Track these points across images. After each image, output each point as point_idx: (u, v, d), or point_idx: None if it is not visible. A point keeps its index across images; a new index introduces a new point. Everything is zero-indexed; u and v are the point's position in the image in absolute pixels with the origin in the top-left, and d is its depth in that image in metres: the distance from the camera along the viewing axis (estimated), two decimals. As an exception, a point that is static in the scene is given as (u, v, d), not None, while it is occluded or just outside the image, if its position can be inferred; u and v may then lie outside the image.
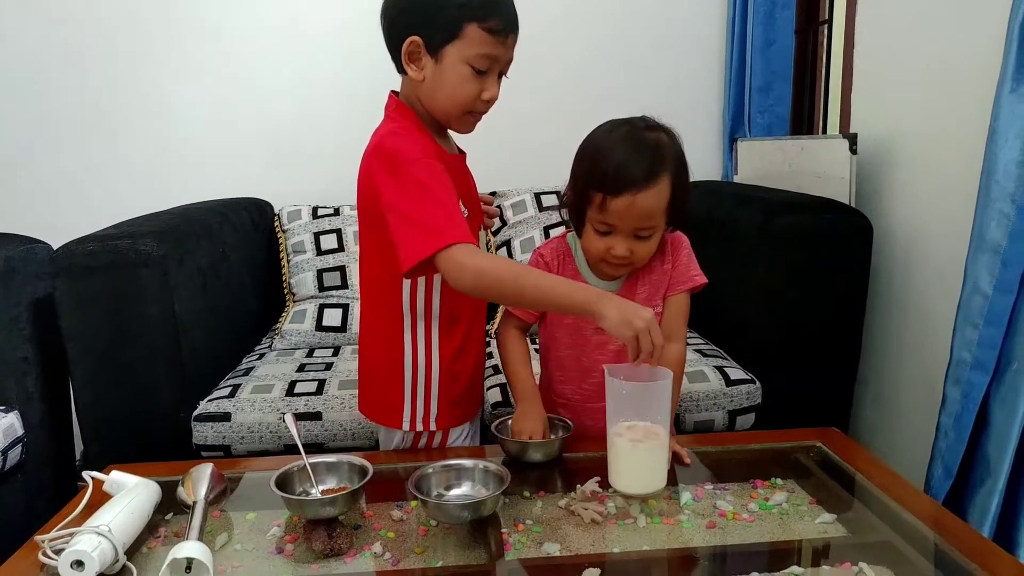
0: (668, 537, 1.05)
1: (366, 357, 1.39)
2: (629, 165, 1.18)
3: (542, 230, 2.37)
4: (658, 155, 1.20)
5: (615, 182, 1.19)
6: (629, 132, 1.22)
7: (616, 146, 1.21)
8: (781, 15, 2.39)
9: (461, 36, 1.16)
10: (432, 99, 1.22)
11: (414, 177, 1.15)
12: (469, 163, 1.39)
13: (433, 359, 1.31)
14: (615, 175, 1.18)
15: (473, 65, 1.17)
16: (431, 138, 1.25)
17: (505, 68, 1.24)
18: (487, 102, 1.22)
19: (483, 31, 1.16)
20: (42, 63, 2.52)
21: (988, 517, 1.34)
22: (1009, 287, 1.31)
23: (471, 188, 1.38)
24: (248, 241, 2.23)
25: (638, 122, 1.25)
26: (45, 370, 1.65)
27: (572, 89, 2.65)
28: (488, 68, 1.19)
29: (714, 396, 1.74)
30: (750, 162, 2.47)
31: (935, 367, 1.57)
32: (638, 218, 1.20)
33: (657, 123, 1.26)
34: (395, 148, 1.18)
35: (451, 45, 1.17)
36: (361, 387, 1.41)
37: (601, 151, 1.22)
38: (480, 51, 1.17)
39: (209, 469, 1.14)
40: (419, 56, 1.19)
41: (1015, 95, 1.28)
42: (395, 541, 1.06)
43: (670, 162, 1.21)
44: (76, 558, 0.92)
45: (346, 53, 2.55)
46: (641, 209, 1.19)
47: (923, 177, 1.77)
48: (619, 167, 1.18)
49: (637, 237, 1.23)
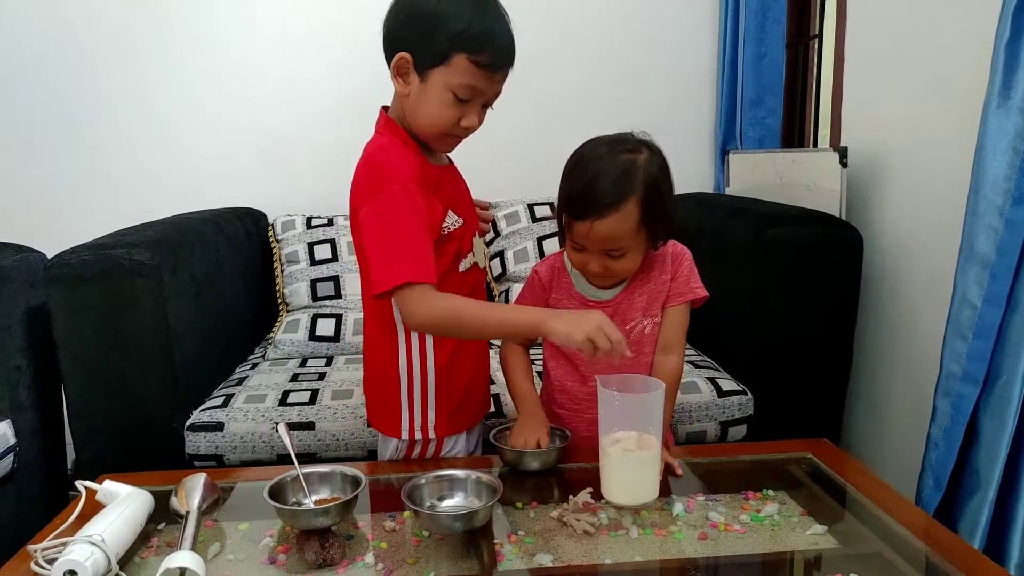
0: (660, 548, 1.06)
1: (368, 366, 1.40)
2: (591, 191, 1.20)
3: (535, 241, 2.38)
4: (625, 180, 1.20)
5: (576, 207, 1.22)
6: (604, 154, 1.22)
7: (585, 169, 1.22)
8: (772, 29, 2.41)
9: (449, 63, 1.16)
10: (414, 116, 1.23)
11: (390, 200, 1.17)
12: (462, 172, 1.39)
13: (428, 367, 1.32)
14: (577, 200, 1.22)
15: (456, 93, 1.18)
16: (418, 151, 1.26)
17: (491, 100, 1.24)
18: (466, 129, 1.23)
19: (471, 63, 1.16)
20: (35, 72, 2.52)
21: (978, 529, 1.35)
22: (998, 300, 1.32)
23: (464, 194, 1.38)
24: (242, 251, 2.23)
25: (619, 143, 1.25)
26: (38, 379, 1.65)
27: (566, 101, 2.67)
28: (470, 98, 1.20)
29: (706, 407, 1.74)
30: (741, 174, 2.49)
31: (925, 379, 1.58)
32: (601, 241, 1.22)
33: (640, 141, 1.25)
34: (382, 163, 1.21)
35: (438, 69, 1.17)
36: (367, 398, 1.43)
37: (573, 172, 1.24)
38: (465, 81, 1.17)
39: (202, 479, 1.14)
40: (407, 72, 1.20)
41: (1002, 110, 1.29)
42: (388, 551, 1.06)
43: (639, 185, 1.20)
44: (69, 568, 0.92)
45: (341, 63, 2.56)
46: (601, 234, 1.21)
47: (913, 190, 1.78)
48: (582, 192, 1.21)
49: (609, 255, 1.25)
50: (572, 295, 1.36)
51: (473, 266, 1.34)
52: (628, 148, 1.24)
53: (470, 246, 1.34)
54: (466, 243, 1.32)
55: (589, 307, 1.31)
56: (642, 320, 1.34)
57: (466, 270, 1.32)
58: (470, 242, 1.34)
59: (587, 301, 1.34)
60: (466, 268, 1.32)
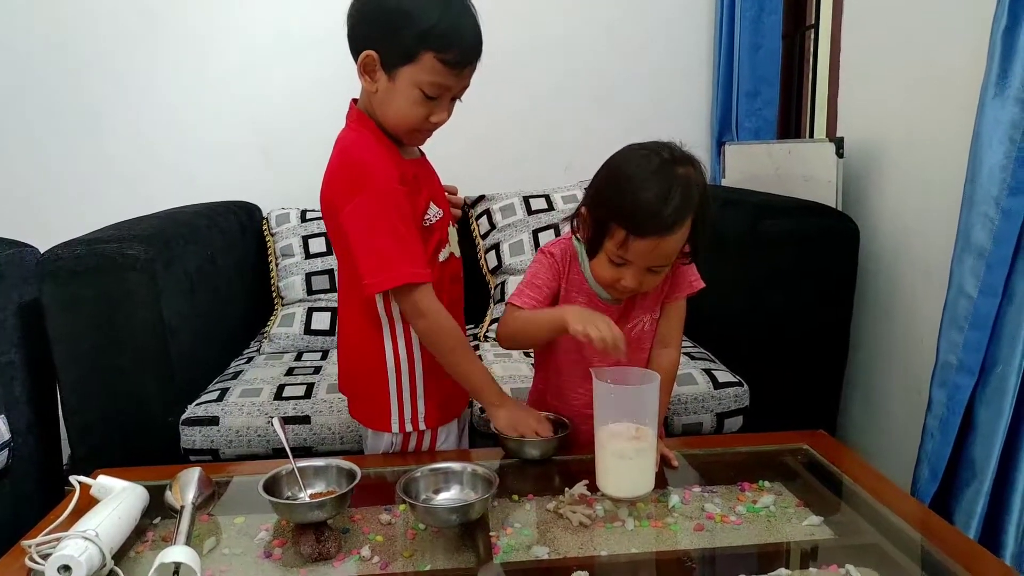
0: (656, 540, 1.06)
1: (348, 362, 1.39)
2: (659, 208, 1.12)
3: (531, 233, 2.38)
4: (687, 196, 1.14)
5: (643, 224, 1.14)
6: (661, 167, 1.15)
7: (647, 182, 1.14)
8: (768, 20, 2.40)
9: (416, 62, 1.16)
10: (383, 112, 1.23)
11: (376, 200, 1.18)
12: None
13: (415, 359, 1.32)
14: (644, 216, 1.13)
15: (424, 91, 1.18)
16: (391, 146, 1.25)
17: (459, 94, 1.24)
18: (435, 124, 1.23)
19: (439, 61, 1.15)
20: (29, 67, 2.51)
21: (974, 519, 1.35)
22: (994, 290, 1.32)
23: (437, 185, 1.38)
24: (236, 245, 2.23)
25: (667, 153, 1.18)
26: (32, 374, 1.64)
27: (561, 93, 2.65)
28: (439, 95, 1.19)
29: (702, 399, 1.74)
30: (738, 165, 2.48)
31: (921, 370, 1.58)
32: (658, 258, 1.18)
33: (685, 154, 1.19)
34: (361, 162, 1.21)
35: (405, 68, 1.17)
36: (348, 393, 1.41)
37: (632, 184, 1.15)
38: (433, 79, 1.17)
39: (197, 473, 1.14)
40: (374, 70, 1.19)
41: (999, 100, 1.29)
42: (383, 545, 1.06)
43: (696, 202, 1.16)
44: (63, 563, 0.92)
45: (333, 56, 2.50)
46: (663, 251, 1.17)
47: (909, 180, 1.78)
48: (649, 208, 1.13)
49: (651, 271, 1.20)
50: (582, 289, 1.32)
51: (451, 256, 1.35)
52: (678, 160, 1.18)
53: (447, 236, 1.34)
54: (444, 233, 1.33)
55: (597, 305, 1.29)
56: (643, 317, 1.33)
57: (445, 260, 1.32)
58: (447, 232, 1.34)
59: (596, 299, 1.31)
60: (445, 258, 1.32)
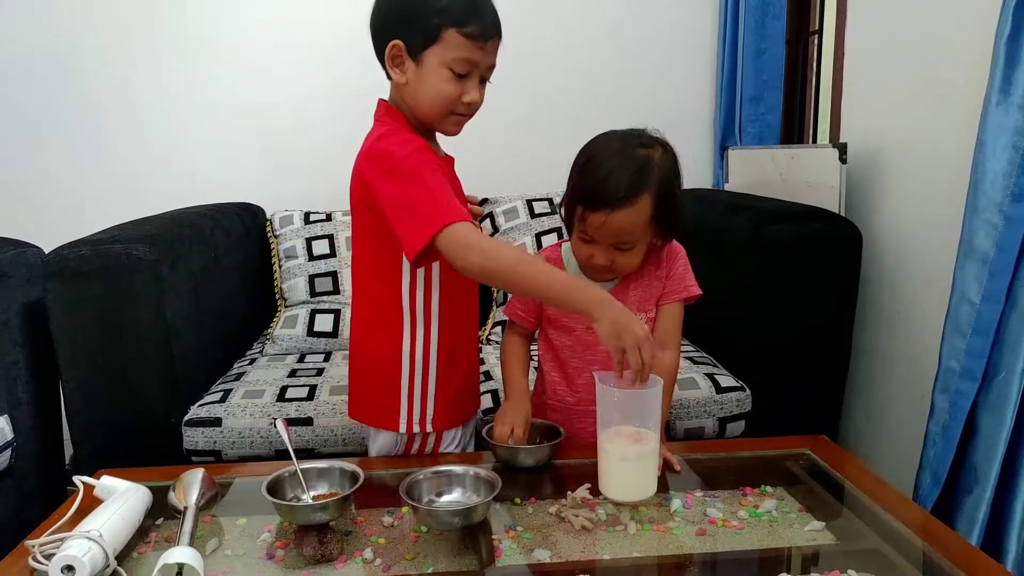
0: (658, 544, 1.06)
1: (361, 360, 1.38)
2: (608, 183, 1.21)
3: (534, 237, 2.38)
4: (642, 173, 1.22)
5: (592, 198, 1.23)
6: (620, 148, 1.24)
7: (603, 162, 1.23)
8: (772, 25, 2.41)
9: (440, 40, 1.18)
10: (415, 102, 1.24)
11: (407, 169, 1.17)
12: (460, 168, 1.39)
13: (431, 360, 1.32)
14: (593, 191, 1.22)
15: (452, 68, 1.19)
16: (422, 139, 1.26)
17: (487, 73, 1.25)
18: (468, 104, 1.24)
19: (461, 36, 1.17)
20: (33, 68, 2.51)
21: (976, 525, 1.35)
22: (997, 296, 1.32)
23: (459, 191, 1.38)
24: (240, 246, 2.23)
25: (633, 137, 1.26)
26: (35, 374, 1.64)
27: (565, 97, 2.67)
28: (468, 72, 1.21)
29: (704, 403, 1.75)
30: (741, 171, 2.48)
31: (924, 376, 1.58)
32: (614, 233, 1.24)
33: (654, 138, 1.27)
34: (386, 149, 1.21)
35: (431, 49, 1.19)
36: (353, 391, 1.41)
37: (589, 165, 1.25)
38: (459, 55, 1.18)
39: (200, 474, 1.14)
40: (402, 60, 1.21)
41: (1002, 107, 1.29)
42: (386, 547, 1.06)
43: (655, 180, 1.22)
44: (67, 563, 0.92)
45: (338, 58, 2.55)
46: (615, 226, 1.22)
47: (912, 187, 1.78)
48: (598, 185, 1.22)
49: (617, 248, 1.26)
50: None
51: None
52: (643, 143, 1.25)
53: None
54: None
55: None
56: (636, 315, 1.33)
57: None
58: None
59: None
60: None
